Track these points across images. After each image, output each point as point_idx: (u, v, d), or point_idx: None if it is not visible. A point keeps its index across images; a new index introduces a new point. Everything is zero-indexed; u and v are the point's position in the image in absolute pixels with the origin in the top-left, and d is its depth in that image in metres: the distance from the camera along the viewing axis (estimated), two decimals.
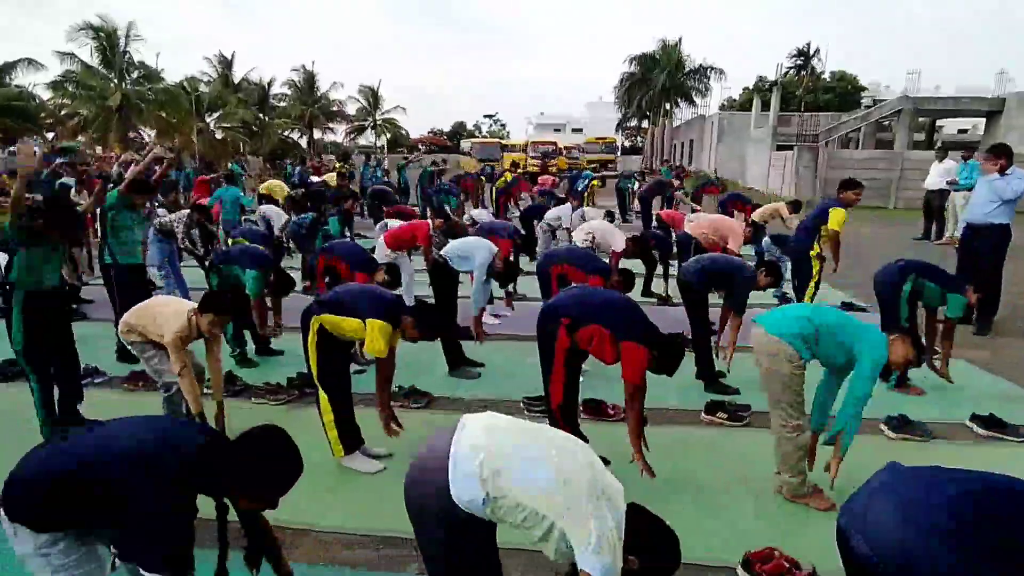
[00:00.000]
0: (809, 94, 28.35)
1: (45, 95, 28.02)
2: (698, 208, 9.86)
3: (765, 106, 26.89)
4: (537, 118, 56.78)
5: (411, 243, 5.75)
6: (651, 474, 2.81)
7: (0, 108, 23.69)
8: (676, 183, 11.90)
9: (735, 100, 39.45)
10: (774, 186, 21.82)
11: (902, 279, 4.19)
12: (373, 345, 3.05)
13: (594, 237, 5.89)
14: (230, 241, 6.19)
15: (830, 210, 5.22)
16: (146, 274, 5.78)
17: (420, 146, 57.75)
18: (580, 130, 52.65)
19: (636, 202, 14.40)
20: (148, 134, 35.56)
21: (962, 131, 37.47)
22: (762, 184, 23.00)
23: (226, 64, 38.20)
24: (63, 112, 28.53)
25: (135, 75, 28.31)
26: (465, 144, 41.27)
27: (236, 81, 38.04)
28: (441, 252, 4.63)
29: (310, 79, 41.17)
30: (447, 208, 10.45)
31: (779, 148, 23.48)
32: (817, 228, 5.31)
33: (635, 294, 6.12)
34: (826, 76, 34.95)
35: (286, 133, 40.25)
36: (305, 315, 3.16)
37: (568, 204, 8.36)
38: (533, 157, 34.84)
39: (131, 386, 4.41)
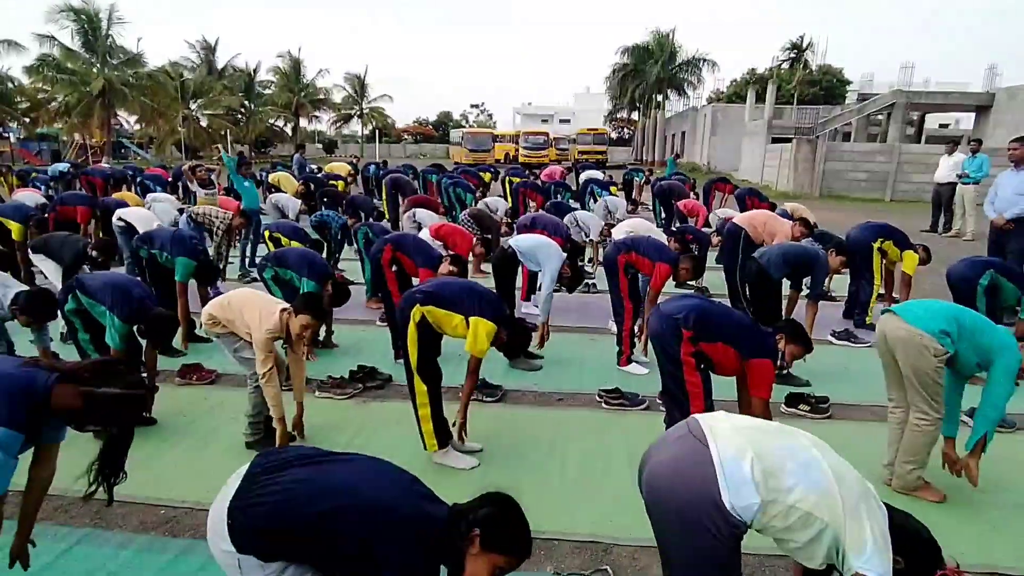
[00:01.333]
0: (802, 86, 28.56)
1: (25, 79, 27.09)
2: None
3: (759, 98, 27.07)
4: (524, 108, 56.53)
5: (450, 246, 5.67)
6: None
7: None
8: (686, 186, 11.68)
9: (722, 92, 39.62)
10: (769, 179, 21.98)
11: (979, 273, 4.17)
12: (477, 345, 2.96)
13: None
14: (265, 235, 6.02)
15: (904, 253, 5.29)
16: None
17: (407, 136, 57.21)
18: (568, 120, 52.55)
19: (639, 193, 14.36)
20: (127, 120, 34.73)
21: (943, 125, 38.15)
22: (756, 176, 23.18)
23: (209, 49, 37.34)
24: (40, 96, 27.54)
25: (117, 60, 27.48)
26: (455, 134, 40.96)
27: (220, 67, 37.22)
28: (510, 243, 4.52)
29: (296, 66, 40.41)
30: (464, 202, 10.26)
31: (774, 141, 23.66)
32: (879, 234, 5.37)
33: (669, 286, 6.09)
34: (812, 69, 35.29)
35: (272, 121, 39.53)
36: (407, 304, 3.04)
37: (595, 216, 8.13)
38: (524, 147, 34.71)
39: (183, 380, 4.24)
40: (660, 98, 34.73)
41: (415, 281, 4.50)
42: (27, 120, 30.67)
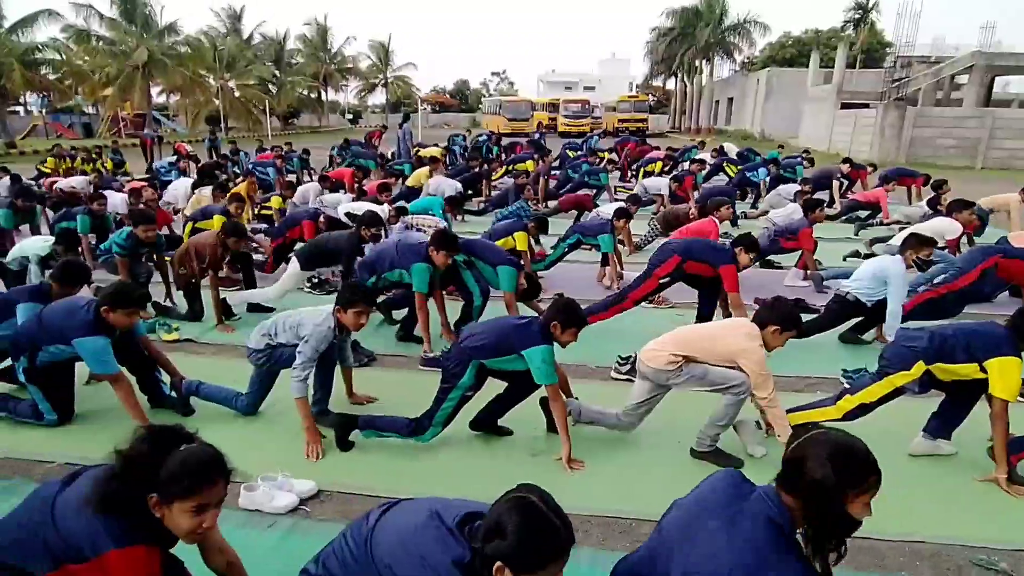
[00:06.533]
0: (865, 51, 27.67)
1: (57, 49, 26.10)
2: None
3: (822, 62, 26.25)
4: (548, 76, 55.27)
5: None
6: None
7: (26, 62, 22.01)
8: (845, 168, 10.47)
9: (756, 57, 38.48)
10: (840, 146, 21.40)
11: None
12: (1009, 388, 2.58)
13: None
14: None
15: None
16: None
17: (425, 105, 55.99)
18: (592, 88, 51.40)
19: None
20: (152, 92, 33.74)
21: None
22: (823, 145, 22.57)
23: (235, 18, 36.17)
24: (79, 67, 26.60)
25: (155, 30, 26.55)
26: (489, 103, 39.90)
27: (247, 36, 36.13)
28: None
29: (323, 34, 39.30)
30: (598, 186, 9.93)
31: (842, 106, 23.04)
32: None
33: None
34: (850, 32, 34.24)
35: (300, 91, 38.59)
36: (902, 360, 2.79)
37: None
38: (565, 116, 33.80)
39: None
40: (705, 63, 33.74)
41: None
42: (56, 92, 29.67)
